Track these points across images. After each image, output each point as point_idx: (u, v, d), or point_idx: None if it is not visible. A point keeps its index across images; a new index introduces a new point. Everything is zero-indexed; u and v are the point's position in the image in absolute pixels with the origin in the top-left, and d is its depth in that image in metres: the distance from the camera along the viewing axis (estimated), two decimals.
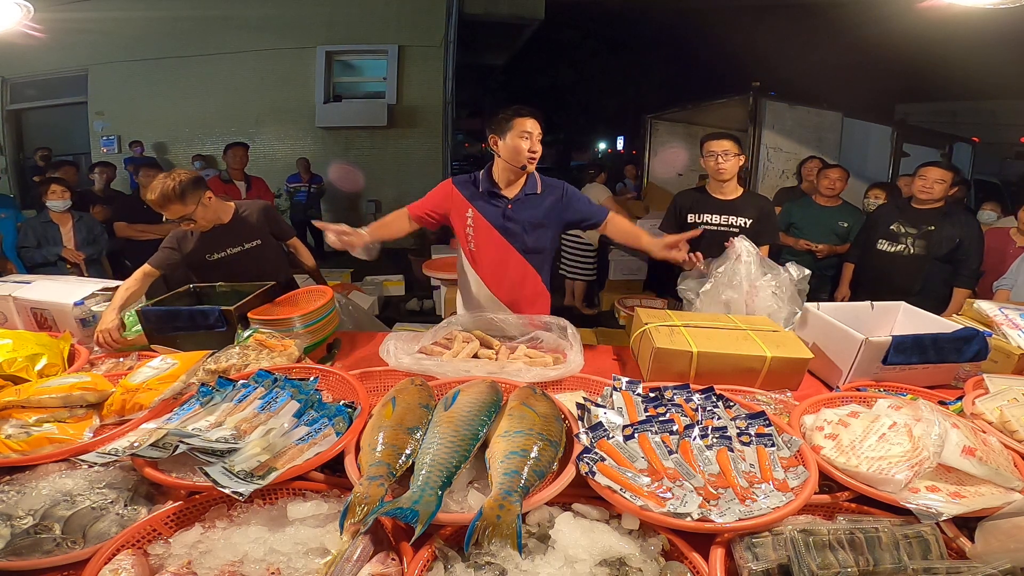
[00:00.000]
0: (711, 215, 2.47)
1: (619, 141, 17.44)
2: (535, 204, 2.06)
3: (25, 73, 7.22)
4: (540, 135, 1.97)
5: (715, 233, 2.43)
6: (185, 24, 6.74)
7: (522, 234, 2.07)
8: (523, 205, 2.05)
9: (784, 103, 5.11)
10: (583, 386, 1.49)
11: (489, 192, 2.05)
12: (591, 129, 16.66)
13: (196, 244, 2.18)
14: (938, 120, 9.06)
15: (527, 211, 2.05)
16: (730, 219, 2.46)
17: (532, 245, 2.09)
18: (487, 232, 2.08)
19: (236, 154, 4.75)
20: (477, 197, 2.07)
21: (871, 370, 1.58)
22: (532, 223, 2.06)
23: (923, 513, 0.94)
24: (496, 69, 11.79)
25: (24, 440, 1.13)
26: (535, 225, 2.07)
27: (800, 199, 3.75)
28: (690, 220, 2.47)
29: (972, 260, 2.79)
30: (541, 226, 2.08)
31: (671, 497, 0.95)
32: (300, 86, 7.11)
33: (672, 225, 2.50)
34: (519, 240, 2.07)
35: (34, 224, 3.61)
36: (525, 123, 1.94)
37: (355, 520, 0.87)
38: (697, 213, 2.47)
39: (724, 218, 2.46)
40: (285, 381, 1.27)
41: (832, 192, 3.49)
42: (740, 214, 2.46)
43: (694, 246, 2.31)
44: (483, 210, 2.07)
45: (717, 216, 2.46)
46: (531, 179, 2.07)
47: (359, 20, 6.95)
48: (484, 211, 2.07)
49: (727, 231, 2.44)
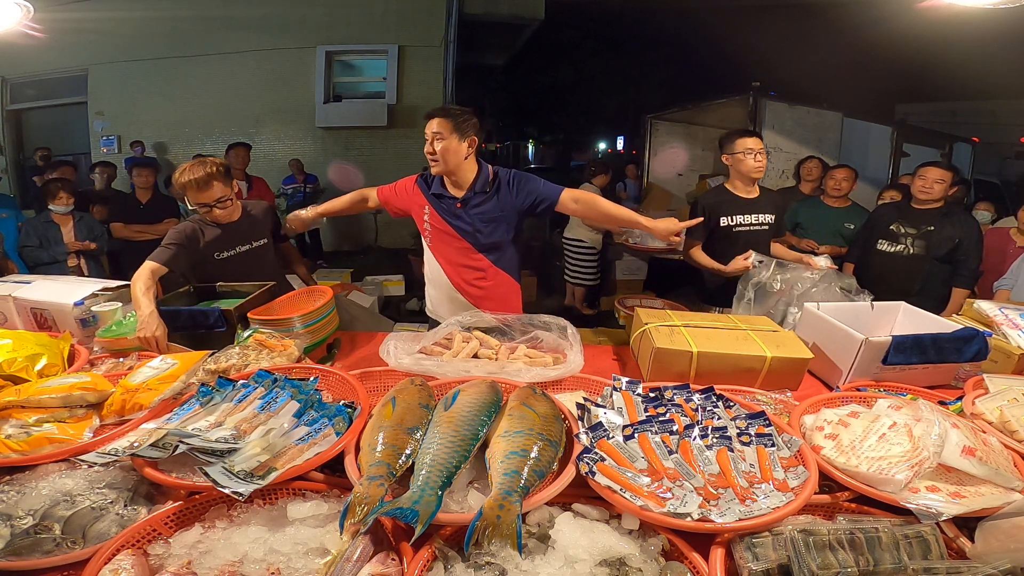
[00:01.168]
0: (742, 215, 2.45)
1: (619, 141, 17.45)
2: (485, 201, 2.04)
3: (25, 73, 7.22)
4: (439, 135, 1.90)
5: (747, 233, 2.44)
6: (185, 24, 6.73)
7: (474, 232, 2.05)
8: (472, 204, 2.04)
9: (784, 103, 5.12)
10: (583, 386, 1.49)
11: (436, 194, 2.07)
12: (591, 129, 16.66)
13: (208, 240, 2.15)
14: (938, 120, 9.06)
15: (477, 208, 2.04)
16: (759, 217, 2.46)
17: (487, 241, 2.07)
18: (443, 228, 2.09)
19: (238, 154, 4.76)
20: (433, 197, 2.09)
21: (871, 370, 1.58)
22: (484, 219, 2.04)
23: (923, 513, 0.94)
24: (496, 69, 11.78)
25: (24, 440, 1.13)
26: (487, 221, 2.04)
27: (807, 199, 3.73)
28: (723, 223, 2.43)
29: (971, 260, 2.79)
30: (494, 221, 2.05)
31: (671, 497, 0.95)
32: (300, 86, 7.10)
33: (703, 231, 2.42)
34: (472, 237, 2.06)
35: (35, 224, 3.62)
36: (427, 125, 1.93)
37: (355, 520, 0.87)
38: (729, 215, 2.43)
39: (754, 217, 2.45)
40: (285, 381, 1.27)
41: (839, 192, 3.47)
42: (764, 211, 2.47)
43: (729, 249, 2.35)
44: (437, 208, 2.08)
45: (747, 216, 2.45)
46: (481, 176, 2.03)
47: (359, 20, 6.94)
48: (438, 209, 2.08)
49: (758, 230, 2.46)
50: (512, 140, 17.58)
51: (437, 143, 1.91)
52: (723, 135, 2.51)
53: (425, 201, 2.10)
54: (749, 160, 2.36)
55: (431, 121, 1.92)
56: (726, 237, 2.43)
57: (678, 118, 6.62)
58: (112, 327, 1.81)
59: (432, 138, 1.92)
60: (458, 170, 2.00)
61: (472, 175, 2.03)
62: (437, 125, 1.91)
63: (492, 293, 2.12)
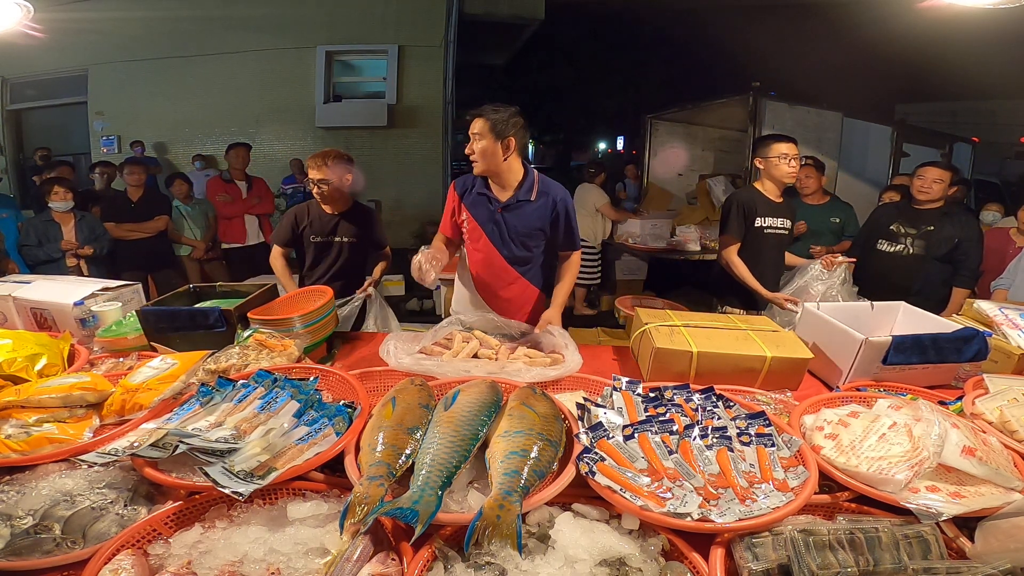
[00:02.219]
0: (772, 218, 2.48)
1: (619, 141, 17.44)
2: (526, 212, 2.00)
3: (25, 73, 7.21)
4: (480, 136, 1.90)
5: (775, 236, 2.48)
6: (185, 24, 6.73)
7: (509, 242, 2.03)
8: (514, 211, 2.00)
9: (784, 103, 5.11)
10: (583, 386, 1.49)
11: (480, 193, 2.02)
12: (591, 129, 16.65)
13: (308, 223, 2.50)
14: (938, 120, 9.05)
15: (516, 219, 2.00)
16: (784, 221, 2.51)
17: (519, 254, 2.05)
18: (477, 234, 2.07)
19: (238, 154, 4.76)
20: (470, 196, 2.05)
21: (871, 370, 1.58)
22: (520, 232, 2.02)
23: (923, 513, 0.94)
24: (496, 69, 11.78)
25: (24, 440, 1.13)
26: (523, 234, 2.02)
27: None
28: (758, 224, 2.45)
29: (971, 260, 2.79)
30: (529, 236, 2.03)
31: (671, 497, 0.95)
32: (300, 86, 7.10)
33: (740, 227, 2.45)
34: (506, 248, 2.04)
35: (36, 223, 3.62)
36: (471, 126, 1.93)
37: (355, 520, 0.87)
38: (762, 217, 2.46)
39: (780, 221, 2.50)
40: (285, 381, 1.27)
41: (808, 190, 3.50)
42: (787, 216, 2.52)
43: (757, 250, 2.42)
44: (475, 211, 2.05)
45: (776, 219, 2.49)
46: (527, 182, 1.99)
47: (359, 20, 6.94)
48: (475, 213, 2.04)
49: (783, 234, 2.52)
50: None
51: (476, 144, 1.91)
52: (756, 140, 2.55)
53: (463, 204, 2.07)
54: (784, 165, 2.39)
55: (473, 121, 1.92)
56: (757, 238, 2.46)
57: (678, 118, 6.61)
58: (112, 327, 1.81)
59: (473, 139, 1.92)
60: (499, 172, 1.97)
61: (517, 178, 2.00)
62: (477, 126, 1.90)
63: (515, 303, 2.11)
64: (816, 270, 2.45)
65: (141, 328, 1.78)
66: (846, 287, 2.43)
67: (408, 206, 7.17)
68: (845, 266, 2.44)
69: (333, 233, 2.52)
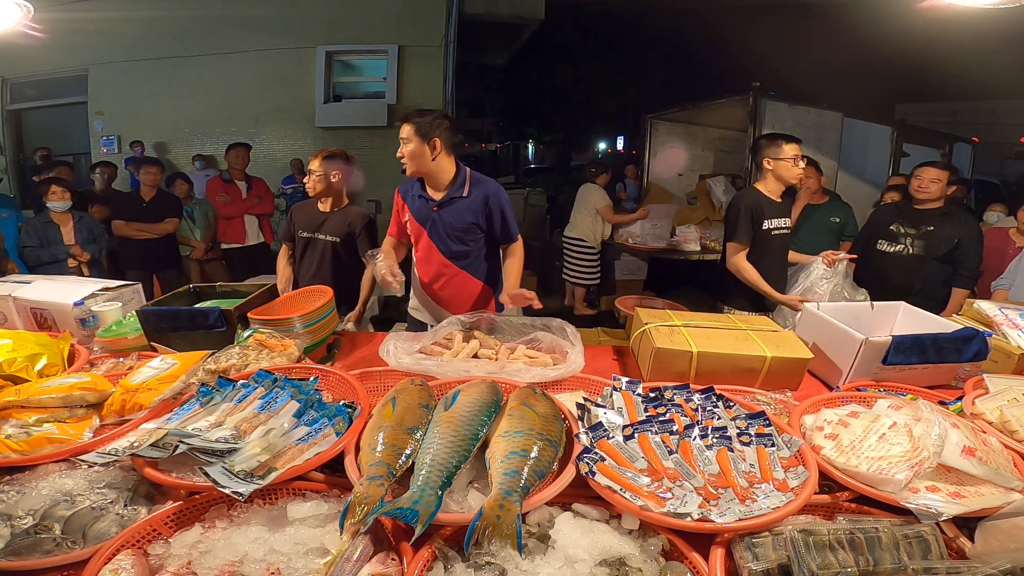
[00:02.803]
0: (777, 219, 2.48)
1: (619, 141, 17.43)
2: (460, 207, 2.07)
3: (25, 73, 7.21)
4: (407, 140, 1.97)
5: (780, 236, 2.48)
6: (185, 24, 6.72)
7: (445, 238, 2.09)
8: (448, 209, 2.07)
9: (784, 103, 5.11)
10: (583, 386, 1.49)
11: (418, 195, 2.10)
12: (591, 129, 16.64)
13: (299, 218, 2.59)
14: (938, 120, 9.05)
15: (450, 215, 2.07)
16: (786, 221, 2.51)
17: (456, 249, 2.11)
18: (418, 233, 2.15)
19: (238, 154, 4.76)
20: (411, 198, 2.13)
21: (871, 370, 1.58)
22: (455, 227, 2.08)
23: (923, 513, 0.94)
24: (496, 69, 11.77)
25: (24, 440, 1.13)
26: (458, 230, 2.08)
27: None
28: (765, 227, 2.44)
29: (971, 260, 2.79)
30: (465, 231, 2.08)
31: (671, 497, 0.95)
32: (300, 86, 7.09)
33: (749, 232, 2.42)
34: (443, 243, 2.11)
35: (35, 224, 3.62)
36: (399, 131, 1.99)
37: (355, 520, 0.87)
38: (768, 219, 2.45)
39: (783, 220, 2.50)
40: (285, 381, 1.27)
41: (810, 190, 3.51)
42: (788, 214, 2.53)
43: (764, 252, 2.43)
44: (415, 212, 2.13)
45: (780, 219, 2.49)
46: (459, 180, 2.06)
47: (359, 20, 6.93)
48: (415, 213, 2.13)
49: (786, 234, 2.52)
50: (512, 140, 17.56)
51: (404, 147, 1.98)
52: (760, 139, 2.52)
53: (406, 206, 2.16)
54: (795, 167, 2.39)
55: (400, 127, 1.98)
56: (764, 241, 2.44)
57: (678, 118, 6.61)
58: (112, 327, 1.81)
59: (401, 143, 1.98)
60: (430, 172, 2.04)
61: (449, 177, 2.06)
62: (404, 131, 1.97)
63: (458, 298, 2.15)
64: (820, 269, 2.46)
65: (141, 328, 1.78)
66: (848, 281, 2.47)
67: None
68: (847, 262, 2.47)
69: (319, 230, 2.53)
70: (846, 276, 2.46)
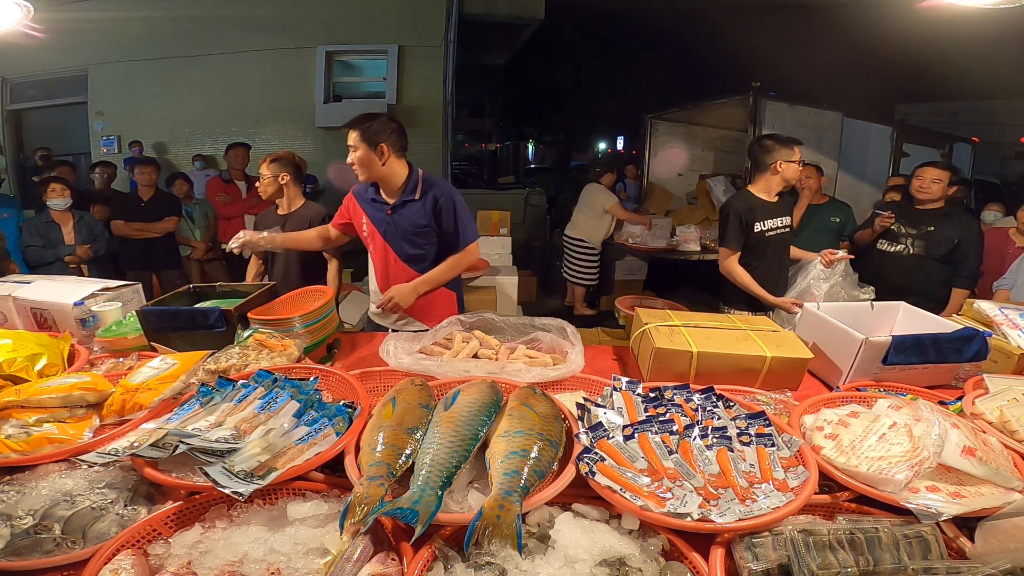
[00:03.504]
0: (771, 220, 2.48)
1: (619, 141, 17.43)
2: (413, 211, 2.06)
3: (25, 73, 7.20)
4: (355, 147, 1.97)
5: (776, 237, 2.48)
6: (185, 24, 6.72)
7: (400, 241, 2.09)
8: (402, 212, 2.07)
9: (784, 103, 5.11)
10: (583, 386, 1.49)
11: (372, 199, 2.11)
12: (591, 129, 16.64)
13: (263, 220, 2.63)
14: (938, 120, 9.04)
15: (405, 219, 2.07)
16: (783, 220, 2.51)
17: (411, 252, 2.11)
18: (375, 237, 2.15)
19: (237, 154, 4.76)
20: (367, 203, 2.14)
21: (871, 370, 1.58)
22: (409, 231, 2.07)
23: (923, 513, 0.94)
24: (496, 69, 11.77)
25: (24, 440, 1.13)
26: (412, 233, 2.08)
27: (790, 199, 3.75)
28: (757, 229, 2.43)
29: (971, 261, 2.79)
30: (419, 234, 2.08)
31: (671, 497, 0.95)
32: (300, 86, 7.09)
33: (739, 237, 2.42)
34: (398, 246, 2.11)
35: (36, 223, 3.62)
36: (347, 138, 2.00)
37: (355, 520, 0.87)
38: (761, 221, 2.44)
39: (779, 220, 2.50)
40: (285, 381, 1.27)
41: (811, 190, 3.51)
42: (785, 214, 2.53)
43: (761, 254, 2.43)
44: (371, 216, 2.13)
45: (775, 220, 2.48)
46: (410, 183, 2.06)
47: (359, 20, 6.93)
48: (372, 217, 2.13)
49: (783, 233, 2.52)
50: (512, 140, 17.56)
51: (353, 154, 1.98)
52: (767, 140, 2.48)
53: (362, 211, 2.16)
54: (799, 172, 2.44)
55: (348, 134, 1.99)
56: (759, 243, 2.44)
57: (678, 118, 6.62)
58: (112, 327, 1.81)
59: (350, 150, 1.99)
60: (381, 177, 2.04)
61: (400, 180, 2.06)
62: (351, 138, 1.98)
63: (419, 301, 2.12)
64: (817, 269, 2.46)
65: (141, 328, 1.78)
66: (848, 280, 2.46)
67: None
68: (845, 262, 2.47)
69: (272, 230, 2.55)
70: (845, 276, 2.46)
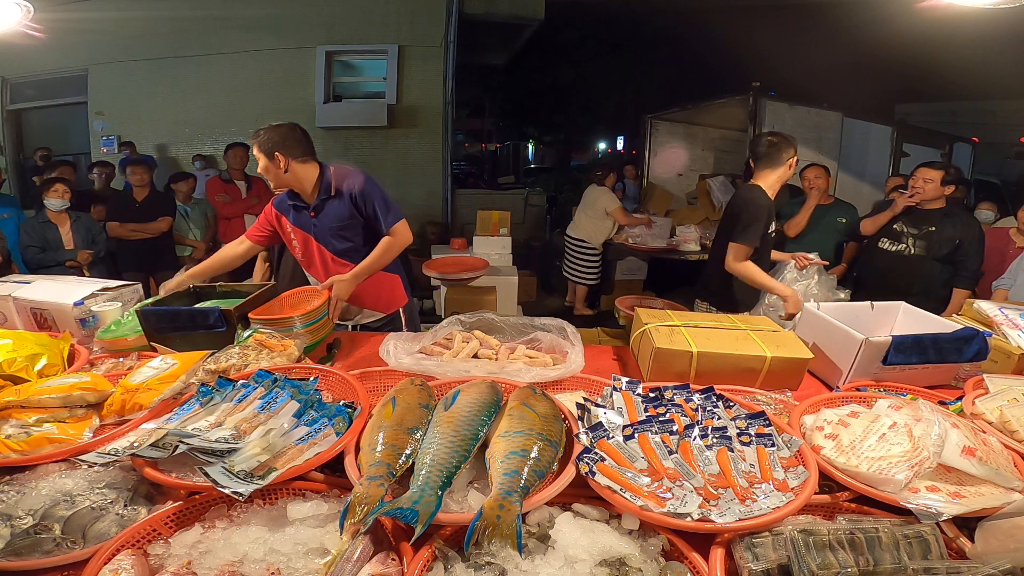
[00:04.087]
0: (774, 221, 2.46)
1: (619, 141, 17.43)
2: (334, 207, 2.09)
3: (25, 73, 7.20)
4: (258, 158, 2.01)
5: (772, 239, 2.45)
6: (185, 24, 6.72)
7: (329, 238, 2.12)
8: (322, 211, 2.09)
9: (784, 103, 5.11)
10: (583, 386, 1.49)
11: (292, 204, 2.14)
12: (591, 129, 16.63)
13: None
14: (938, 120, 9.04)
15: (326, 217, 2.10)
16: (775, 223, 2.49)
17: (341, 247, 2.14)
18: (305, 240, 2.17)
19: (237, 154, 4.76)
20: (289, 210, 2.16)
21: (871, 370, 1.58)
22: (334, 227, 2.10)
23: (923, 513, 0.94)
24: (496, 69, 11.78)
25: (24, 440, 1.13)
26: (337, 228, 2.10)
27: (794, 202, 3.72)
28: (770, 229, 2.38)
29: (972, 261, 2.79)
30: (344, 228, 2.10)
31: (671, 497, 0.95)
32: (300, 86, 7.09)
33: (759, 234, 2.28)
34: (329, 244, 2.13)
35: (33, 224, 3.62)
36: None
37: (355, 520, 0.87)
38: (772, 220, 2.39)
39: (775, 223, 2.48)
40: (285, 381, 1.27)
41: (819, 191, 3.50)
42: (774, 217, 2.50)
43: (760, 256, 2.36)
44: (296, 221, 2.16)
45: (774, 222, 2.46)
46: (323, 182, 2.08)
47: (359, 20, 6.93)
48: (296, 221, 2.16)
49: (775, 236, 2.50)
50: (512, 140, 17.57)
51: (259, 166, 2.03)
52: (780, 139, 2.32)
53: (286, 219, 2.18)
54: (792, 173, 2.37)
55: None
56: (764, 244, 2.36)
57: (678, 118, 6.62)
58: (112, 327, 1.81)
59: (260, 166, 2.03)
60: (289, 184, 2.07)
61: (312, 181, 2.09)
62: (253, 150, 2.02)
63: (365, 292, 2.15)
64: (792, 273, 2.47)
65: (141, 328, 1.78)
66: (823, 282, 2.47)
67: (408, 206, 7.12)
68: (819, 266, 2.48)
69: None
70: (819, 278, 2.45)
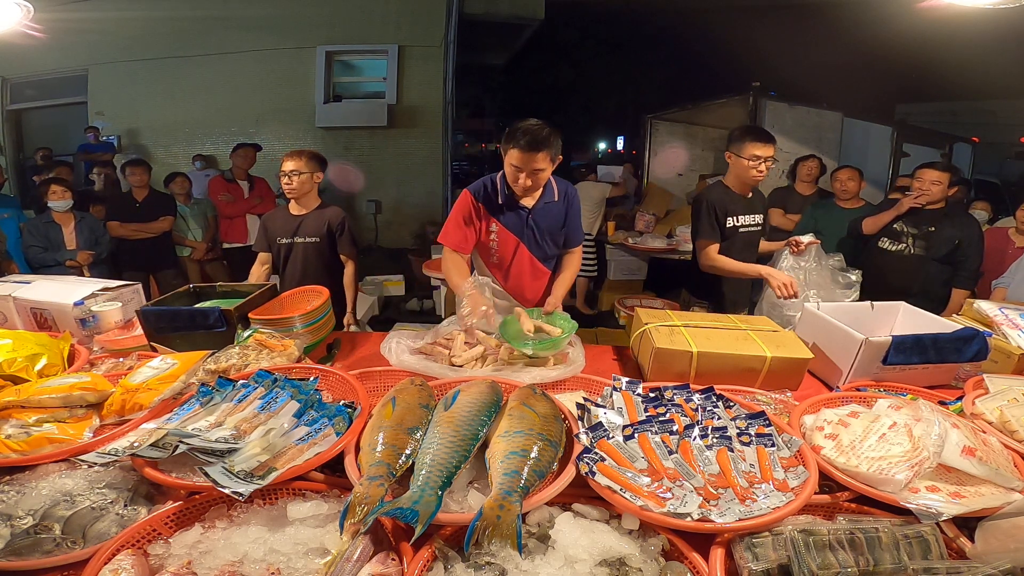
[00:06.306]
0: (744, 216, 2.41)
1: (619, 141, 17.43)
2: (553, 211, 2.06)
3: (25, 73, 7.21)
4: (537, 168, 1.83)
5: (747, 233, 2.43)
6: (185, 24, 6.73)
7: (542, 243, 2.08)
8: (542, 214, 2.04)
9: (784, 103, 5.11)
10: (583, 386, 1.49)
11: (509, 203, 2.01)
12: (591, 129, 16.65)
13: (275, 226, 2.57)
14: (938, 120, 9.04)
15: (546, 220, 2.05)
16: (755, 217, 2.45)
17: (551, 252, 2.12)
18: (509, 242, 2.06)
19: (245, 155, 4.78)
20: (497, 208, 2.02)
21: (871, 370, 1.58)
22: (550, 231, 2.07)
23: (923, 513, 0.94)
24: (496, 69, 11.77)
25: (24, 440, 1.13)
26: (552, 232, 2.08)
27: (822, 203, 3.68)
28: (729, 224, 2.36)
29: (972, 261, 2.79)
30: (557, 232, 2.09)
31: (671, 497, 0.95)
32: (300, 86, 7.09)
33: (714, 228, 2.33)
34: (539, 249, 2.09)
35: (36, 224, 3.62)
36: (512, 155, 1.83)
37: (355, 520, 0.87)
38: (734, 215, 2.37)
39: (751, 217, 2.43)
40: (285, 381, 1.27)
41: (847, 194, 3.47)
42: (758, 211, 2.47)
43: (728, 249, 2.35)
44: (505, 222, 2.03)
45: (747, 216, 2.42)
46: (548, 186, 2.03)
47: (359, 20, 6.94)
48: (506, 222, 2.03)
49: (755, 231, 2.46)
50: None
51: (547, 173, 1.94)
52: (735, 129, 2.37)
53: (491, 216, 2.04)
54: (752, 170, 2.25)
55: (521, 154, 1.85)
56: (730, 238, 2.38)
57: (678, 118, 6.62)
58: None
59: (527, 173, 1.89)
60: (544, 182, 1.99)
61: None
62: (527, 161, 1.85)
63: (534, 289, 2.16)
64: (789, 260, 2.39)
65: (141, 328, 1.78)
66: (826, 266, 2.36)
67: (408, 206, 7.18)
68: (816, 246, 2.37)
69: (296, 233, 2.54)
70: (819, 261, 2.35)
